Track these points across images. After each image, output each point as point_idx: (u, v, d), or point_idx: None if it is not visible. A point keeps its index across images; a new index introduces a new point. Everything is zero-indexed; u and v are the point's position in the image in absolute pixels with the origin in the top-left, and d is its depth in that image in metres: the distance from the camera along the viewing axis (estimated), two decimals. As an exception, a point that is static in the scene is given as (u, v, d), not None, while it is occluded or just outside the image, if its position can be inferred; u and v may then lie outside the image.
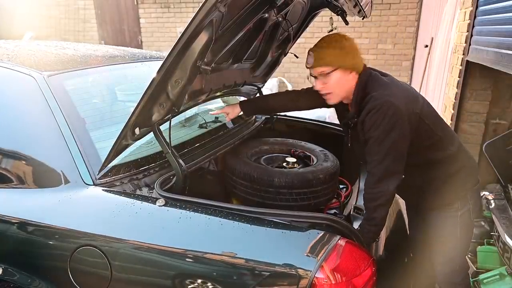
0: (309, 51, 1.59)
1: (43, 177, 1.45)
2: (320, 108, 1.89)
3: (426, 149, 1.60)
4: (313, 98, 1.76)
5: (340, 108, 1.72)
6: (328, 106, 1.80)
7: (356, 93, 1.56)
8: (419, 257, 1.91)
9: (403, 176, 1.53)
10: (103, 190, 1.38)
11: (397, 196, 1.88)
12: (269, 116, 2.52)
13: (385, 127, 1.44)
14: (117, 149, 1.38)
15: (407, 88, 1.60)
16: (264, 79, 2.44)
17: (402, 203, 2.07)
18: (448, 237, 1.71)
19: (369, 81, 1.56)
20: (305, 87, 1.90)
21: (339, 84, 1.56)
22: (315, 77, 1.60)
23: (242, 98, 2.74)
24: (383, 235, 1.76)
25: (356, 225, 1.55)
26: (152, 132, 1.49)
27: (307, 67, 1.62)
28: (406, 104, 1.48)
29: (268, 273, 1.15)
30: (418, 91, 4.84)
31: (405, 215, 2.08)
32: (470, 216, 1.70)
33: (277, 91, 6.41)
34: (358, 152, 1.68)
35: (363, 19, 1.98)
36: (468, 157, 1.72)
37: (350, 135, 1.67)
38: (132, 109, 1.29)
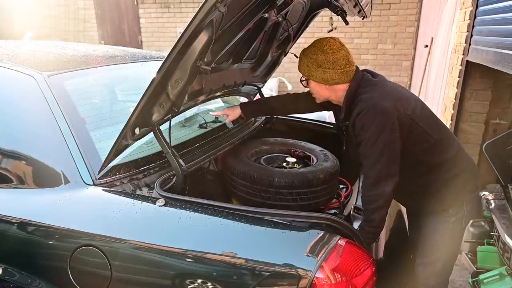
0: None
1: (43, 177, 1.45)
2: (320, 111, 1.91)
3: (421, 152, 1.59)
4: (312, 101, 1.76)
5: (336, 111, 1.73)
6: (328, 109, 1.81)
7: (345, 100, 1.58)
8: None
9: (400, 180, 1.53)
10: (103, 190, 1.38)
11: (397, 196, 1.88)
12: (269, 116, 2.52)
13: (375, 129, 1.44)
14: (117, 149, 1.38)
15: (397, 89, 1.60)
16: (264, 79, 2.44)
17: (402, 203, 2.07)
18: (436, 241, 1.69)
19: (360, 84, 1.57)
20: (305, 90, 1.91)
21: (315, 90, 1.65)
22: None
23: (242, 98, 2.75)
24: (383, 235, 1.76)
25: (356, 225, 1.55)
26: (152, 132, 1.49)
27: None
28: (395, 105, 1.48)
29: (268, 273, 1.15)
30: (418, 91, 4.82)
31: (405, 216, 2.08)
32: (462, 223, 1.68)
33: (277, 91, 6.45)
34: (353, 154, 1.68)
35: (363, 19, 1.98)
36: (468, 162, 1.69)
37: (345, 138, 1.68)
38: (132, 109, 1.29)
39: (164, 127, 1.53)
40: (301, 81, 1.68)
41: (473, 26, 2.86)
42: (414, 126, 1.53)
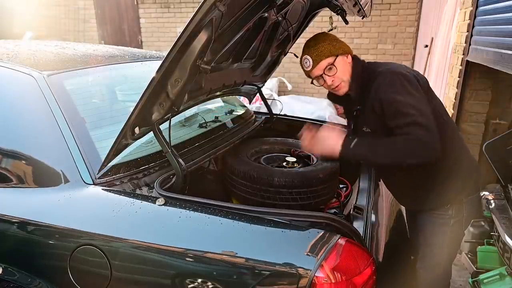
0: (302, 56, 1.64)
1: (43, 177, 1.45)
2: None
3: None
4: None
5: (344, 99, 1.72)
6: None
7: (354, 74, 1.59)
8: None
9: (401, 172, 1.51)
10: (102, 189, 1.37)
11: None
12: (269, 116, 2.52)
13: (401, 89, 1.43)
14: (117, 148, 1.38)
15: (408, 67, 1.64)
16: (264, 78, 2.44)
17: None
18: (435, 244, 1.69)
19: (366, 64, 1.62)
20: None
21: (345, 70, 1.60)
22: (320, 77, 1.62)
23: (242, 98, 2.75)
24: (383, 235, 1.76)
25: (356, 224, 1.54)
26: (152, 132, 1.49)
27: (307, 71, 1.65)
28: (413, 74, 1.51)
29: (268, 272, 1.14)
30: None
31: (405, 216, 2.08)
32: (462, 226, 1.67)
33: (277, 91, 6.45)
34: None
35: (362, 18, 1.98)
36: (470, 160, 1.68)
37: (354, 125, 1.67)
38: (132, 109, 1.29)
39: (164, 126, 1.53)
40: (323, 73, 1.58)
41: (473, 26, 2.86)
42: (429, 100, 1.52)
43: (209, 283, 1.19)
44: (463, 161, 1.63)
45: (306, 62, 1.62)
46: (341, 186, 2.12)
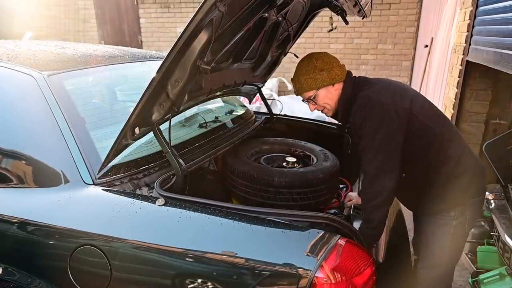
0: (291, 80, 1.71)
1: (43, 177, 1.45)
2: None
3: (425, 147, 1.57)
4: None
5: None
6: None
7: (341, 100, 1.62)
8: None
9: (403, 178, 1.51)
10: (103, 189, 1.37)
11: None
12: (269, 116, 2.52)
13: (372, 124, 1.46)
14: (117, 148, 1.38)
15: (394, 84, 1.63)
16: (264, 79, 2.44)
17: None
18: (437, 244, 1.68)
19: (354, 84, 1.62)
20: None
21: (328, 99, 1.65)
22: (306, 101, 1.70)
23: (242, 98, 2.74)
24: (383, 235, 1.76)
25: (356, 224, 1.55)
26: (152, 132, 1.49)
27: (296, 95, 1.73)
28: (392, 99, 1.50)
29: (268, 273, 1.14)
30: (418, 91, 4.82)
31: (405, 215, 2.07)
32: (465, 228, 1.66)
33: (277, 91, 6.44)
34: (358, 155, 1.68)
35: (363, 18, 1.98)
36: (475, 162, 1.66)
37: (350, 141, 1.70)
38: (132, 109, 1.29)
39: (164, 126, 1.53)
40: (308, 100, 1.68)
41: (473, 26, 2.86)
42: (414, 119, 1.53)
43: (209, 283, 1.19)
44: (465, 165, 1.62)
45: (293, 87, 1.71)
46: (341, 186, 2.12)
